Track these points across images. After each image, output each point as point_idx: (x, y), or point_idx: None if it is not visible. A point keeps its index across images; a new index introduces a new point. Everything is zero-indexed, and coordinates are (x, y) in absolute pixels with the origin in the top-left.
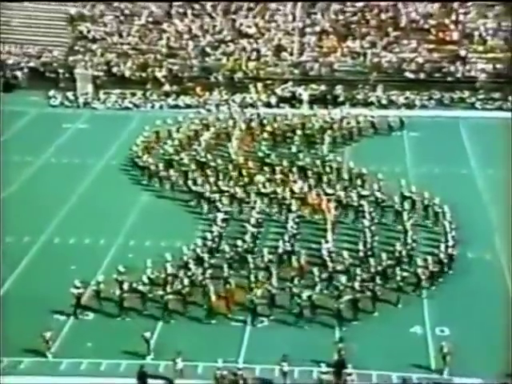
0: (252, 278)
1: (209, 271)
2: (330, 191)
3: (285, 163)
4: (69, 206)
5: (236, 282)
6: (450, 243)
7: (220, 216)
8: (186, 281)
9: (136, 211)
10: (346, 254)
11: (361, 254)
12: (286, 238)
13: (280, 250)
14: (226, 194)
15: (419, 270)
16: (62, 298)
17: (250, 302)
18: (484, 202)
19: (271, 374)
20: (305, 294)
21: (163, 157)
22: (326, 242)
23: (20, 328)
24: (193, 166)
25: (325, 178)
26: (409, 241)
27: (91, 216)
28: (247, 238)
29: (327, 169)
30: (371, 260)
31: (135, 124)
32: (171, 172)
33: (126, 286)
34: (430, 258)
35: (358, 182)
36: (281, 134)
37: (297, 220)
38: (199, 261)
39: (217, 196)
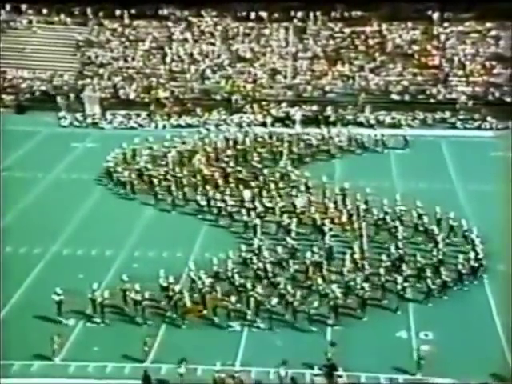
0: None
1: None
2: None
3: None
4: (77, 219)
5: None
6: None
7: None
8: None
9: (140, 224)
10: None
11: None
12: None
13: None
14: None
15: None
16: (71, 306)
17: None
18: (466, 215)
19: (267, 377)
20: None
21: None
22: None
23: (31, 333)
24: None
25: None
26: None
27: (98, 229)
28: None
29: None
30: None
31: (140, 143)
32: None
33: (132, 295)
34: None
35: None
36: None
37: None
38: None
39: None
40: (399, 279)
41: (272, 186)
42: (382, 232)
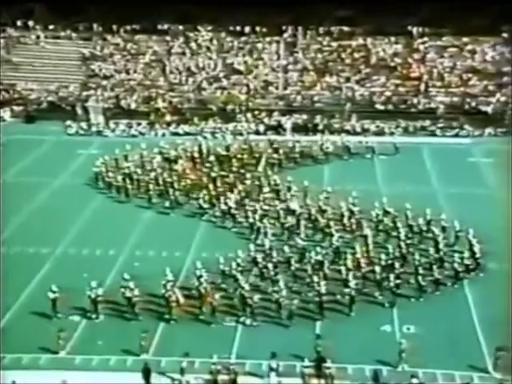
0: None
1: None
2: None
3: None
4: (82, 221)
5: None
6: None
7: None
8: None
9: (140, 225)
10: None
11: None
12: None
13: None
14: None
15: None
16: (77, 302)
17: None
18: (445, 217)
19: (260, 369)
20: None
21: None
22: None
23: (39, 328)
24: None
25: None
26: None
27: (102, 230)
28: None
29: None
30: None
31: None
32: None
33: (136, 292)
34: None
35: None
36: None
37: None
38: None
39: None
40: (392, 277)
41: (266, 189)
42: (379, 233)
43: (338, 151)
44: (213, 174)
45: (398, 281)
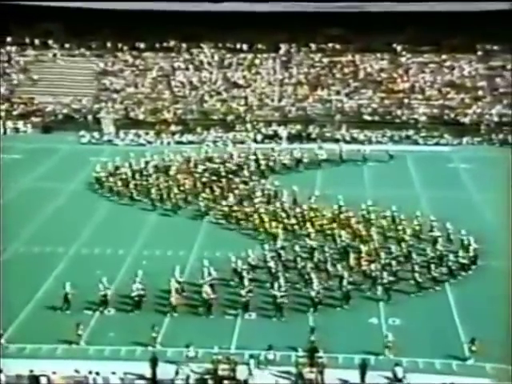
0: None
1: None
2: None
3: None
4: (94, 223)
5: None
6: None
7: None
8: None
9: (148, 227)
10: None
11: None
12: None
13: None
14: None
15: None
16: (90, 297)
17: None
18: (426, 217)
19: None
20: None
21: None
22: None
23: (56, 321)
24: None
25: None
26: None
27: (112, 231)
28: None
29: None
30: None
31: (148, 157)
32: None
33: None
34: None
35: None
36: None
37: None
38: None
39: None
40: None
41: (259, 193)
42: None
43: (332, 158)
44: (204, 180)
45: (391, 278)
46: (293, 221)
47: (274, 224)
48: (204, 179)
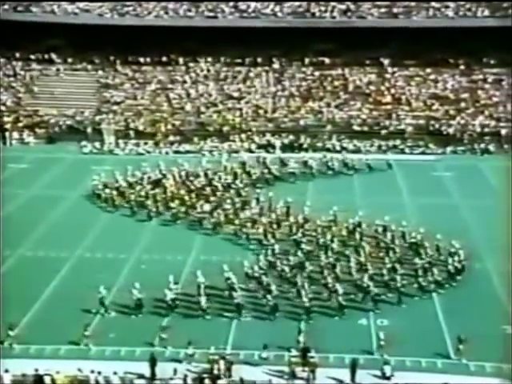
0: None
1: None
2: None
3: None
4: (96, 228)
5: None
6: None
7: None
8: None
9: (147, 232)
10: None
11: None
12: None
13: None
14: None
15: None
16: (92, 299)
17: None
18: (413, 224)
19: (252, 358)
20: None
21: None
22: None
23: (59, 322)
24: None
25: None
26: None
27: (113, 236)
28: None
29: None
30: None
31: (147, 166)
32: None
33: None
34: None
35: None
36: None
37: None
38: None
39: None
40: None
41: (254, 203)
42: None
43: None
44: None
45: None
46: (285, 230)
47: (268, 233)
48: (198, 191)
